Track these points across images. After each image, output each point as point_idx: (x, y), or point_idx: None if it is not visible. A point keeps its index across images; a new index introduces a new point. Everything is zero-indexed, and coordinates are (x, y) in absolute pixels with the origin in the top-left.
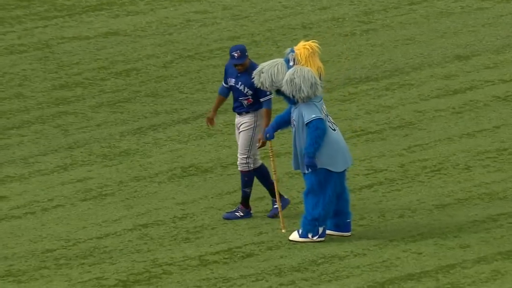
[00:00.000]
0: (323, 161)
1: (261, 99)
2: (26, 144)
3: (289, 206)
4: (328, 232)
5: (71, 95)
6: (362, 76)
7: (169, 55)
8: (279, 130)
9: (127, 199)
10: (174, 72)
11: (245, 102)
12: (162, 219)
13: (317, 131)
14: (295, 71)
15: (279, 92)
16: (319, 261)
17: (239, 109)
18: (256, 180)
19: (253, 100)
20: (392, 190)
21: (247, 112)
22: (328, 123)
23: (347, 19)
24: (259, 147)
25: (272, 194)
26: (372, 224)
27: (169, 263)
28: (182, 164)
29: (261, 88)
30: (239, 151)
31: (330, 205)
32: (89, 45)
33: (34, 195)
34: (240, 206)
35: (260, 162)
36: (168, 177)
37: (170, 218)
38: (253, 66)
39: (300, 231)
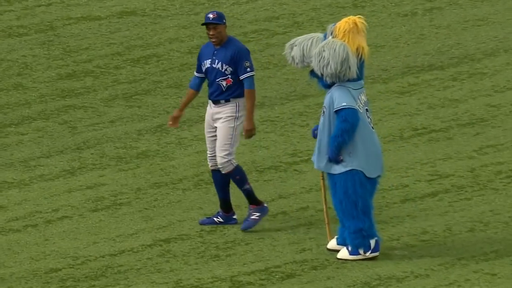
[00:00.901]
0: (359, 162)
1: (241, 77)
2: (27, 144)
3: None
4: (338, 247)
5: (80, 86)
6: (425, 63)
7: (195, 39)
8: None
9: (146, 209)
10: None
11: (224, 83)
12: (187, 233)
13: (344, 123)
14: (326, 43)
15: (312, 73)
16: (373, 283)
17: (216, 96)
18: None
19: (233, 80)
20: (461, 199)
21: (227, 101)
22: (367, 118)
23: None
24: (246, 138)
25: (251, 201)
26: (436, 240)
27: (195, 285)
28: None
29: (292, 63)
30: (217, 148)
31: (371, 212)
32: (101, 27)
33: (36, 204)
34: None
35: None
36: (194, 183)
37: (197, 232)
38: (231, 41)
39: (350, 247)
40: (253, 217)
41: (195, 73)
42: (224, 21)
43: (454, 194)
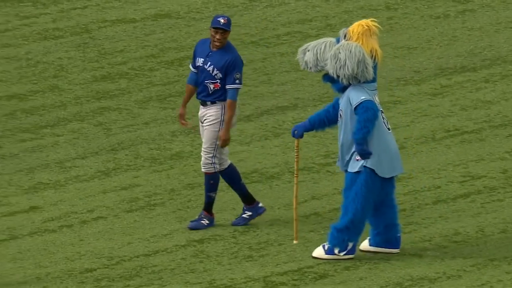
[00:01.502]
0: (372, 161)
1: (227, 86)
2: (62, 145)
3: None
4: (376, 249)
5: (114, 88)
6: (457, 65)
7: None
8: (313, 131)
9: (180, 210)
10: None
11: (211, 86)
12: (220, 233)
13: (367, 112)
14: (341, 45)
15: (325, 77)
16: (406, 284)
17: (203, 96)
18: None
19: (221, 86)
20: (493, 201)
21: (213, 103)
22: (382, 119)
23: None
24: (221, 147)
25: (245, 200)
26: (468, 241)
27: (228, 285)
28: (244, 169)
29: (305, 68)
30: (203, 148)
31: (367, 213)
32: (135, 30)
33: (71, 205)
34: (203, 213)
35: (228, 162)
36: (227, 184)
37: (230, 233)
38: (230, 47)
39: (326, 246)
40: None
41: (192, 68)
42: (230, 29)
43: (486, 195)
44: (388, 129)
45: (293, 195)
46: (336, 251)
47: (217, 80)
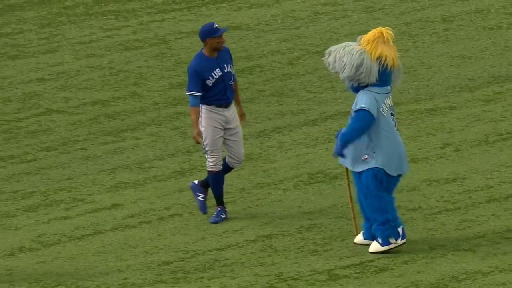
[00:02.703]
0: (381, 160)
1: (234, 74)
2: (141, 147)
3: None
4: (364, 241)
5: None
6: (509, 73)
7: (295, 51)
8: None
9: (250, 207)
10: (301, 69)
11: (232, 84)
12: (287, 229)
13: (357, 123)
14: (347, 50)
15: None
16: (460, 277)
17: (231, 98)
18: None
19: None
20: None
21: (232, 100)
22: (392, 121)
23: (492, 11)
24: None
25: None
26: None
27: (295, 278)
28: (309, 170)
29: (328, 68)
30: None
31: (393, 203)
32: None
33: (150, 203)
34: (220, 208)
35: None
36: (294, 184)
37: (296, 229)
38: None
39: (380, 240)
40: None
41: (197, 94)
42: None
43: None
44: (397, 129)
45: (348, 195)
46: (392, 240)
47: (233, 74)
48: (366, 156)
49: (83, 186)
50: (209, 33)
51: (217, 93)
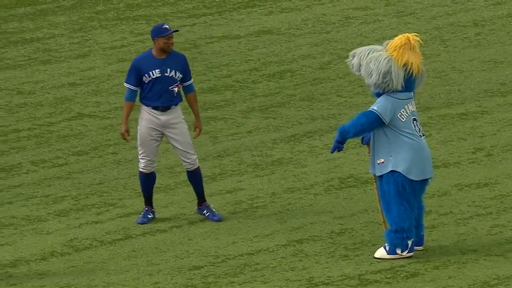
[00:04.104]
0: (398, 164)
1: (188, 82)
2: (172, 152)
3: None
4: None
5: (220, 99)
6: None
7: (326, 56)
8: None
9: (280, 212)
10: (331, 74)
11: (176, 89)
12: (318, 234)
13: (363, 120)
14: (374, 56)
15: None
16: (492, 282)
17: (168, 102)
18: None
19: (180, 85)
20: None
21: (176, 105)
22: (413, 126)
23: None
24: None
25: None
26: None
27: (326, 282)
28: (340, 174)
29: (352, 70)
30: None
31: (413, 213)
32: (240, 45)
33: (181, 207)
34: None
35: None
36: (325, 188)
37: (327, 233)
38: (178, 53)
39: (388, 247)
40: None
41: (131, 86)
42: None
43: None
44: (420, 135)
45: (376, 199)
46: (398, 251)
47: (178, 82)
48: (382, 160)
49: (114, 190)
50: (158, 33)
51: (153, 95)
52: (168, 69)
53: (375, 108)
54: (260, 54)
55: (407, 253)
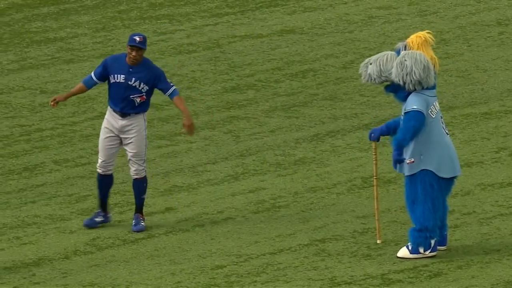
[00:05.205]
0: (428, 163)
1: (170, 91)
2: (195, 151)
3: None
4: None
5: (243, 99)
6: None
7: (349, 55)
8: (389, 136)
9: (303, 211)
10: (354, 73)
11: (138, 100)
12: (340, 233)
13: (412, 121)
14: (406, 54)
15: (388, 88)
16: None
17: (128, 109)
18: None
19: (146, 97)
20: None
21: (137, 113)
22: (441, 123)
23: None
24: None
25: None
26: None
27: (348, 282)
28: (362, 174)
29: (368, 81)
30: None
31: (438, 213)
32: (262, 44)
33: (203, 206)
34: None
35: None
36: (347, 188)
37: (350, 233)
38: (146, 61)
39: (410, 246)
40: (143, 223)
41: (94, 76)
42: (146, 46)
43: None
44: (446, 133)
45: (374, 197)
46: (421, 250)
47: (143, 93)
48: (412, 159)
49: None
50: (128, 40)
51: (113, 97)
52: (133, 79)
53: (415, 107)
54: (282, 54)
55: (430, 252)
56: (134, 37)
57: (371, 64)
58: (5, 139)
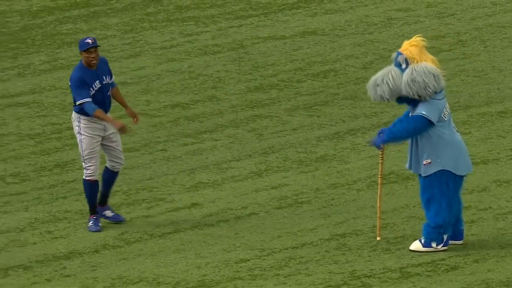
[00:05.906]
0: (446, 163)
1: (113, 78)
2: (219, 149)
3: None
4: (452, 242)
5: (266, 98)
6: None
7: (369, 56)
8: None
9: (324, 207)
10: (374, 73)
11: (110, 93)
12: (360, 228)
13: (413, 125)
14: (412, 71)
15: (401, 99)
16: None
17: (108, 107)
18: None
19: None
20: None
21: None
22: (452, 123)
23: None
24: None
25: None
26: None
27: (368, 275)
28: None
29: (382, 100)
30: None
31: (452, 209)
32: (285, 45)
33: (228, 202)
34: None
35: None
36: (367, 184)
37: (369, 228)
38: (101, 58)
39: (423, 240)
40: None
41: (89, 99)
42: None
43: None
44: (456, 131)
45: (377, 195)
46: (433, 244)
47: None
48: (429, 160)
49: (164, 186)
50: (81, 47)
51: (99, 103)
52: (104, 77)
53: (424, 112)
54: (304, 54)
55: (442, 247)
56: (87, 41)
57: (378, 85)
58: (38, 137)
